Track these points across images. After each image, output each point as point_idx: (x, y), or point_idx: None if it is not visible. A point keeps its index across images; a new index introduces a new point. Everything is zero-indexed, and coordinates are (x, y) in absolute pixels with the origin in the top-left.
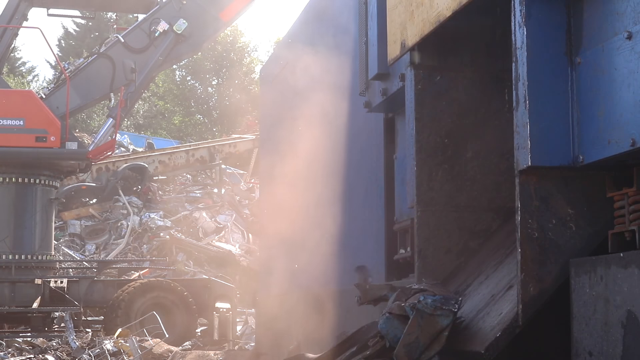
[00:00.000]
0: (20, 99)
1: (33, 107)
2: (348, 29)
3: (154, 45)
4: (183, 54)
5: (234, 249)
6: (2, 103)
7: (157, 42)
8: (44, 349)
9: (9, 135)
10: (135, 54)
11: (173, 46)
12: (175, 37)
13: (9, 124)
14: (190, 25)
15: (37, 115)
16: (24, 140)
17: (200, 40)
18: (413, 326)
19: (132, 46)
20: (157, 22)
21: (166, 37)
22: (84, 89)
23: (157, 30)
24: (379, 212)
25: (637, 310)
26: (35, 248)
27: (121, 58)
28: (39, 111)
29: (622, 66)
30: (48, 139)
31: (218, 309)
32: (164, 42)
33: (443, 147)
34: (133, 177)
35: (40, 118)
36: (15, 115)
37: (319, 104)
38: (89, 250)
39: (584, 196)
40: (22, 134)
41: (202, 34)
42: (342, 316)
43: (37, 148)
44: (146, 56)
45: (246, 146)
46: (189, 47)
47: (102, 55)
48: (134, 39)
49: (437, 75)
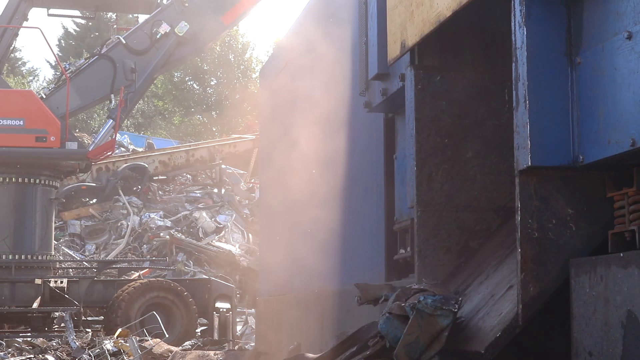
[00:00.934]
0: (21, 98)
1: (33, 107)
2: (348, 29)
3: (155, 47)
4: (185, 56)
5: (234, 249)
6: (2, 103)
7: (158, 44)
8: (44, 349)
9: (9, 135)
10: (136, 55)
11: (174, 48)
12: (177, 40)
13: (9, 124)
14: (192, 27)
15: (37, 115)
16: (24, 140)
17: (201, 43)
18: (413, 326)
19: (133, 47)
20: (159, 24)
21: (167, 39)
22: (85, 90)
23: (158, 32)
24: (379, 212)
25: (637, 310)
26: (35, 248)
27: (122, 59)
28: (39, 111)
29: (622, 66)
30: (48, 139)
31: (218, 309)
32: (165, 44)
33: (443, 147)
34: (133, 177)
35: (40, 118)
36: (15, 115)
37: (319, 104)
38: (89, 250)
39: (584, 196)
40: (22, 134)
41: (204, 36)
42: (342, 316)
43: (37, 148)
44: (147, 58)
45: (246, 146)
46: (190, 50)
47: (103, 56)
48: (135, 41)
49: (437, 75)
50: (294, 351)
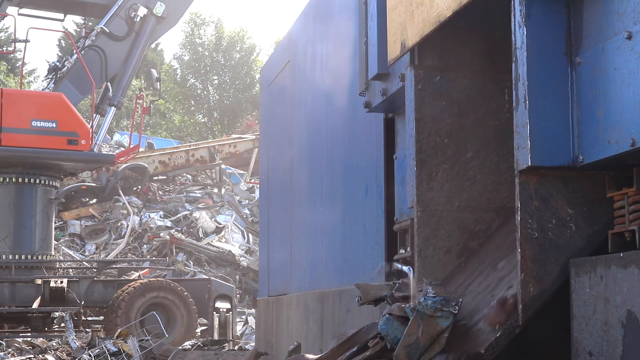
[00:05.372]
0: (52, 101)
1: (64, 110)
2: (348, 28)
3: (135, 31)
4: (160, 35)
5: (234, 249)
6: (35, 105)
7: (137, 27)
8: (44, 349)
9: (43, 137)
10: (120, 41)
11: (153, 28)
12: (156, 20)
13: (42, 126)
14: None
15: (68, 118)
16: (57, 143)
17: (175, 20)
18: (413, 327)
19: (116, 34)
20: (136, 8)
21: (147, 22)
22: (81, 83)
23: (137, 15)
24: (379, 212)
25: (637, 310)
26: (35, 248)
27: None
28: (71, 114)
29: (622, 66)
30: (79, 142)
31: (218, 309)
32: (146, 26)
33: (443, 147)
34: (133, 177)
35: (71, 121)
36: (48, 117)
37: (319, 104)
38: (89, 250)
39: (584, 196)
40: (55, 136)
41: (176, 12)
42: (342, 316)
43: (70, 151)
44: (130, 42)
45: (246, 146)
46: (166, 28)
47: (91, 47)
48: (116, 28)
49: (437, 75)
50: (294, 351)
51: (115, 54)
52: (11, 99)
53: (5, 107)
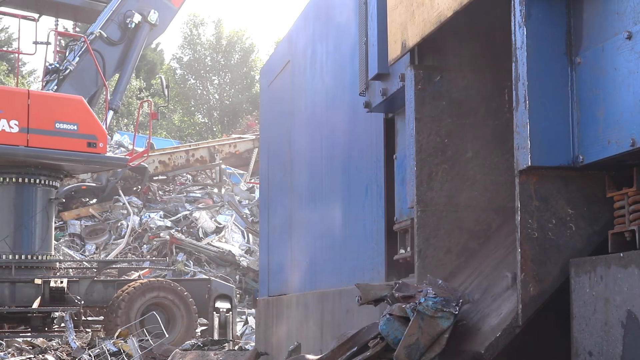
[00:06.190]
0: (73, 104)
1: (85, 113)
2: (348, 28)
3: (129, 37)
4: (151, 41)
5: (234, 249)
6: (57, 107)
7: (131, 33)
8: (44, 349)
9: (64, 139)
10: (116, 46)
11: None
12: (149, 27)
13: (65, 128)
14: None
15: (88, 121)
16: (77, 145)
17: (162, 29)
18: (414, 328)
19: (112, 39)
20: (131, 14)
21: (142, 28)
22: (82, 86)
23: (132, 22)
24: (379, 212)
25: (637, 310)
26: (35, 248)
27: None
28: (90, 117)
29: (622, 66)
30: (97, 145)
31: (218, 309)
32: (141, 32)
33: (443, 147)
34: (133, 177)
35: (91, 124)
36: (69, 120)
37: (319, 104)
38: (89, 250)
39: (584, 196)
40: (75, 139)
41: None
42: (342, 316)
43: (89, 153)
44: (124, 47)
45: (246, 146)
46: (156, 35)
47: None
48: (111, 32)
49: (437, 75)
50: (294, 351)
51: (111, 58)
52: (37, 100)
53: (32, 108)
